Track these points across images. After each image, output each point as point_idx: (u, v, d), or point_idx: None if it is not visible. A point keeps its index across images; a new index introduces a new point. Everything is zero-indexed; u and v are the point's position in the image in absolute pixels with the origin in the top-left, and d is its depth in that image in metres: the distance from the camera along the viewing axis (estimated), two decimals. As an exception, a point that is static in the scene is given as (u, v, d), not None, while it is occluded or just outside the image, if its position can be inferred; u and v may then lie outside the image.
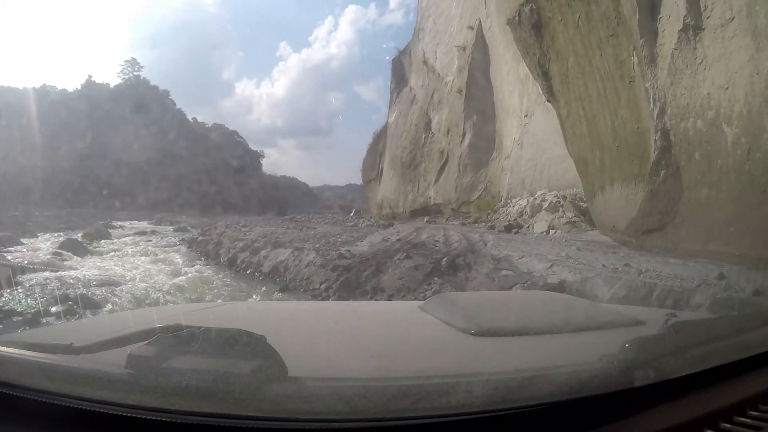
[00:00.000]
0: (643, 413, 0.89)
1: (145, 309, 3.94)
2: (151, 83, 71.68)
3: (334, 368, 0.97)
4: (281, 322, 1.55)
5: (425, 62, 33.35)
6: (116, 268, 8.92)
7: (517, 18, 10.56)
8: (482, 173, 26.09)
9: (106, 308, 5.28)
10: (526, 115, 21.11)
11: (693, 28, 5.44)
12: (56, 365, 0.85)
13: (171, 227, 24.96)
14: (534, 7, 9.83)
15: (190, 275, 7.99)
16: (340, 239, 11.78)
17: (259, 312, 1.87)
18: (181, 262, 9.86)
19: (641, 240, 6.43)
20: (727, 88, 5.08)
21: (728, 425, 0.90)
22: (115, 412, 0.74)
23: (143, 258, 10.53)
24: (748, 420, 0.92)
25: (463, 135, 27.23)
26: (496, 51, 24.00)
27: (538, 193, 17.93)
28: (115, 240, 16.24)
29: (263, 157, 79.26)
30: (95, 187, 52.56)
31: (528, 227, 13.07)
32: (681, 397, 0.95)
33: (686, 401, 0.95)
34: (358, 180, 51.72)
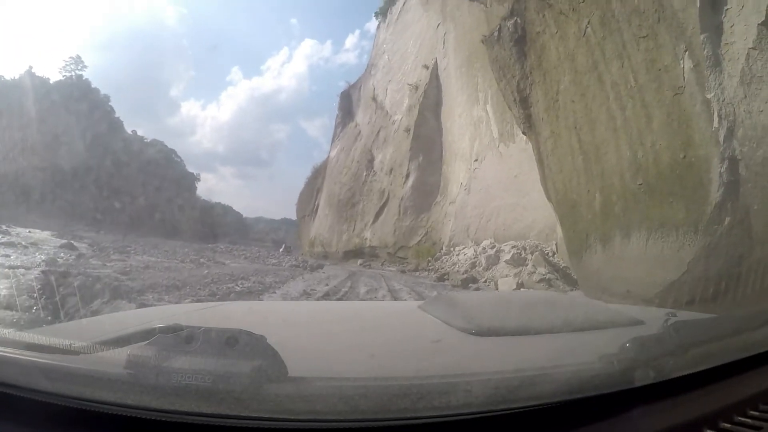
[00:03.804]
0: (643, 413, 0.88)
1: (144, 309, 3.70)
2: (93, 86, 65.09)
3: (335, 368, 0.97)
4: (282, 322, 1.56)
5: (374, 98, 32.22)
6: None
7: (496, 34, 8.99)
8: (424, 217, 24.87)
9: None
10: (476, 160, 20.06)
11: (781, 21, 3.84)
12: (56, 365, 0.83)
13: (62, 241, 20.75)
14: (519, 21, 8.29)
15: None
16: (239, 288, 8.72)
17: (260, 312, 1.88)
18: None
19: (677, 314, 4.56)
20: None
21: (728, 425, 0.89)
22: (115, 413, 0.74)
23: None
24: (748, 420, 0.91)
25: (407, 176, 26.11)
26: (450, 92, 23.19)
27: (485, 242, 16.67)
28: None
29: (198, 180, 73.79)
30: (6, 186, 46.04)
31: (486, 282, 11.16)
32: (681, 396, 0.95)
33: (686, 401, 0.95)
34: (293, 215, 49.29)
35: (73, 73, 63.97)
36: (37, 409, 0.78)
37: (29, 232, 25.79)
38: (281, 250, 41.09)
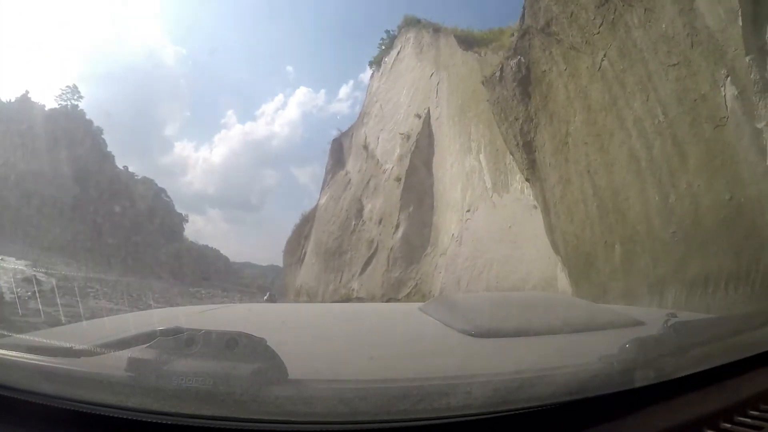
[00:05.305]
0: (643, 413, 0.87)
1: (145, 312, 3.50)
2: (87, 117, 65.20)
3: (335, 370, 0.98)
4: (282, 324, 1.58)
5: (366, 147, 32.03)
6: None
7: (497, 75, 8.57)
8: (413, 269, 23.99)
9: None
10: (468, 210, 19.50)
11: None
12: (57, 368, 0.83)
13: (27, 273, 19.48)
14: (523, 60, 7.88)
15: None
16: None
17: (260, 314, 1.95)
18: None
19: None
20: None
21: (728, 425, 0.87)
22: (115, 415, 0.72)
23: None
24: (748, 420, 0.89)
25: (397, 226, 25.45)
26: (442, 142, 22.98)
27: (477, 297, 15.83)
28: None
29: (186, 221, 72.46)
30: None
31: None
32: (681, 397, 0.93)
33: (686, 401, 0.93)
34: (281, 261, 48.19)
35: (68, 102, 64.07)
36: (38, 412, 0.76)
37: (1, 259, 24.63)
38: (265, 298, 39.58)
